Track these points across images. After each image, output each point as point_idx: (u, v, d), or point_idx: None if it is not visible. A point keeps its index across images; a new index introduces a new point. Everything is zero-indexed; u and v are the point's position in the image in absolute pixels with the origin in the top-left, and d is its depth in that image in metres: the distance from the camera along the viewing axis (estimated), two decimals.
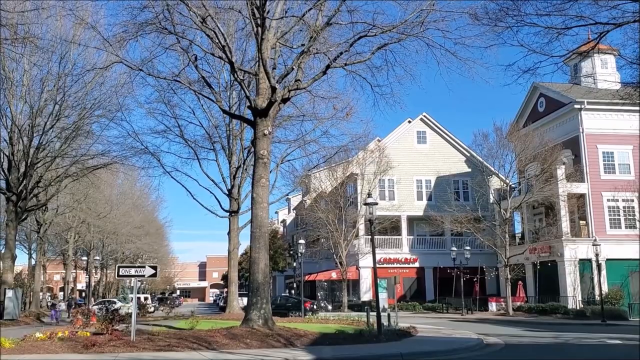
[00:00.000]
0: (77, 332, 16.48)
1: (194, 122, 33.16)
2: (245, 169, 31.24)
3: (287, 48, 20.65)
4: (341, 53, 17.62)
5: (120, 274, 14.46)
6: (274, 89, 16.91)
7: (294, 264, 43.70)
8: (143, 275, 14.46)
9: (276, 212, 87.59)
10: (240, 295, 56.72)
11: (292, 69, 17.77)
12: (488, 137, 36.86)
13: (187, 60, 20.18)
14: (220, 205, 32.53)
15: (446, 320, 32.79)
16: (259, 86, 18.15)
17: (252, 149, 32.11)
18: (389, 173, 45.60)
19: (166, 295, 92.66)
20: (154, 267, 14.58)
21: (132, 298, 56.90)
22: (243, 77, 18.82)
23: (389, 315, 22.63)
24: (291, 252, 38.29)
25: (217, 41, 17.50)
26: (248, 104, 18.53)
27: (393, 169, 45.76)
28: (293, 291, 56.08)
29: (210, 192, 31.53)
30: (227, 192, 31.55)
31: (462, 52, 18.30)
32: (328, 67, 17.85)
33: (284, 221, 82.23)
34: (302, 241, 34.51)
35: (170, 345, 14.05)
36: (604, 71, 41.12)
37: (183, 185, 42.06)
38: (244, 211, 32.24)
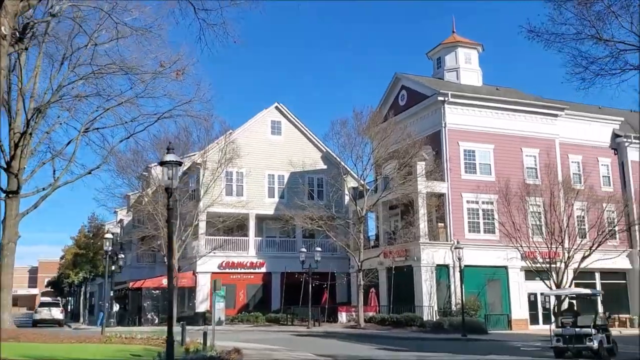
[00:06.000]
0: None
1: None
2: (35, 135, 23.42)
3: None
4: None
5: None
6: None
7: (113, 267, 35.84)
8: None
9: (115, 212, 77.56)
10: (50, 304, 47.44)
11: None
12: (347, 124, 32.40)
13: None
14: None
15: (289, 335, 27.52)
16: None
17: (45, 110, 24.37)
18: (237, 164, 39.64)
19: None
20: None
21: None
22: None
23: (205, 334, 16.64)
24: (109, 254, 30.66)
25: None
26: None
27: (243, 161, 39.93)
28: (119, 300, 47.72)
29: None
30: (4, 166, 23.25)
31: None
32: None
33: (121, 221, 72.78)
34: (109, 235, 27.15)
35: None
36: (468, 66, 39.05)
37: None
38: (29, 193, 24.26)
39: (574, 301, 20.75)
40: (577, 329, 17.18)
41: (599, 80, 14.83)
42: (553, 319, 19.19)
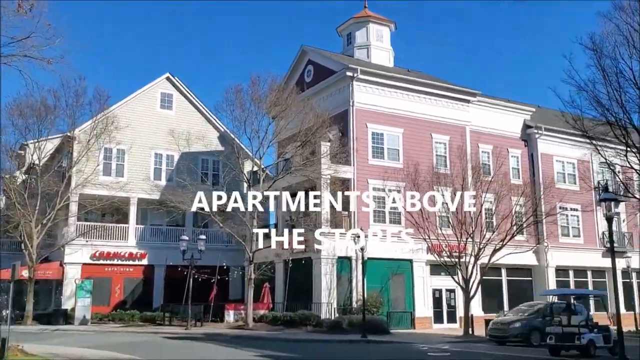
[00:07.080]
0: None
1: None
2: None
3: None
4: None
5: None
6: None
7: None
8: None
9: None
10: None
11: None
12: (242, 92, 28.09)
13: None
14: None
15: (160, 337, 23.01)
16: None
17: None
18: (117, 139, 34.29)
19: None
20: None
21: None
22: None
23: (3, 340, 12.00)
24: None
25: None
26: None
27: (125, 136, 34.80)
28: None
29: None
30: None
31: None
32: None
33: None
34: None
35: None
36: (379, 44, 36.17)
37: None
38: None
39: (573, 301, 21.55)
40: (564, 328, 18.23)
41: None
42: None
